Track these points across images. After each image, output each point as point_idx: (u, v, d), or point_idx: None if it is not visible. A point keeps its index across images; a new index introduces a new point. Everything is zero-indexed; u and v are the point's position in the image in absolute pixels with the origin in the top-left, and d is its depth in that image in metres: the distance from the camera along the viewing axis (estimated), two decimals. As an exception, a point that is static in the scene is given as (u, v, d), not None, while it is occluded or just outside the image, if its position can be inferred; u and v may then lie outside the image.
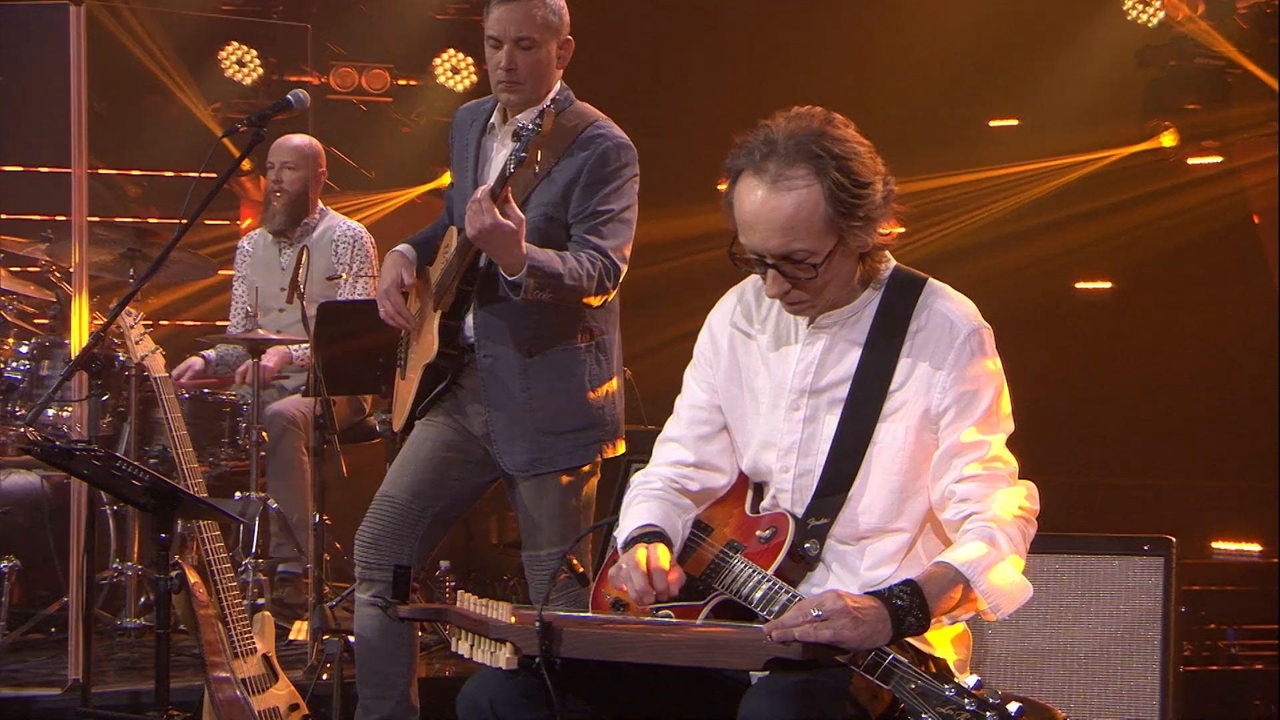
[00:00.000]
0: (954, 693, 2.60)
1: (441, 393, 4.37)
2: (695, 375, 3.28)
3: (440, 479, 4.29)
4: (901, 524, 3.04)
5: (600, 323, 4.30)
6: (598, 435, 4.28)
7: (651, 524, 3.14)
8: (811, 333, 3.09)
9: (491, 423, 4.26)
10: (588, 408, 4.26)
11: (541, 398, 4.23)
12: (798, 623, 2.71)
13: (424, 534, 4.28)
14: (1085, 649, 3.63)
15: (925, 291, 3.05)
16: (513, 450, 4.25)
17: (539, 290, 4.02)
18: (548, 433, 4.23)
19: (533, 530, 4.30)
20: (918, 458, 3.01)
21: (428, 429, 4.37)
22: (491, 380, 4.26)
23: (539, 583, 4.32)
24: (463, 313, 4.29)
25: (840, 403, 3.05)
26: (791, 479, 3.10)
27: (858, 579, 3.04)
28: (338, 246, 6.53)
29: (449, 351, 4.29)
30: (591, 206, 4.16)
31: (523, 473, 4.26)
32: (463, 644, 3.01)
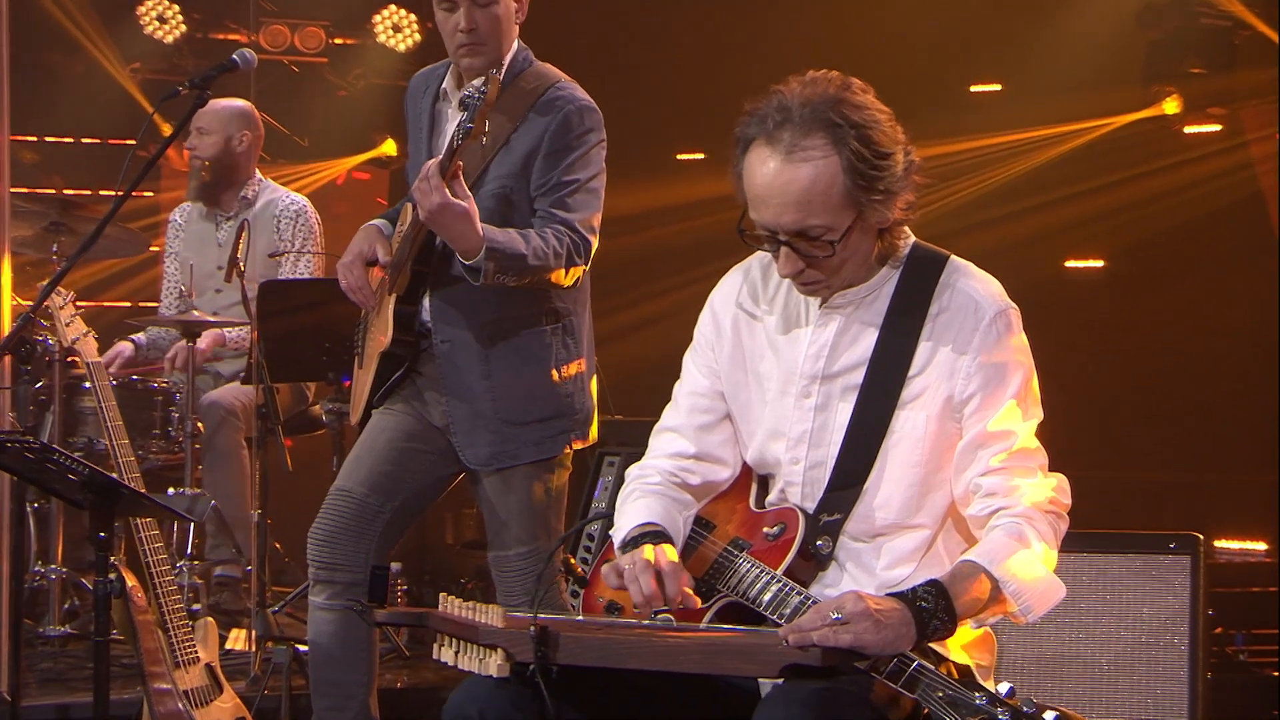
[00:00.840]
0: (985, 701, 2.62)
1: (399, 380, 4.36)
2: (695, 359, 3.28)
3: (400, 471, 4.29)
4: (921, 520, 3.05)
5: (567, 302, 4.30)
6: (566, 425, 4.29)
7: (652, 522, 3.14)
8: (824, 314, 3.10)
9: (451, 413, 4.26)
10: (555, 395, 4.27)
11: (504, 386, 4.23)
12: (815, 626, 2.72)
13: (383, 531, 4.27)
14: (1107, 654, 3.67)
15: (947, 269, 3.07)
16: (474, 443, 4.25)
17: (500, 274, 4.01)
18: (512, 423, 4.24)
19: (499, 529, 4.31)
20: (939, 448, 3.02)
21: (385, 418, 4.37)
22: (450, 368, 4.25)
23: (506, 585, 4.33)
24: (418, 296, 4.28)
25: (855, 389, 3.06)
26: (802, 471, 3.11)
27: (874, 579, 3.05)
28: (280, 221, 6.50)
29: (405, 339, 4.29)
30: (555, 177, 4.15)
31: (486, 467, 4.26)
32: (446, 650, 3.00)
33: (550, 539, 4.32)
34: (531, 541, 4.28)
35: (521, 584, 4.28)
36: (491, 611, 2.95)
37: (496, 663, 2.89)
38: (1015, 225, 7.99)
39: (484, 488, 4.30)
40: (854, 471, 3.05)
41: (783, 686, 2.79)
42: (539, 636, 2.84)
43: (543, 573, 4.13)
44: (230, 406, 6.13)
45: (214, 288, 6.38)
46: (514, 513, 4.28)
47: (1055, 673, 3.68)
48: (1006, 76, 8.68)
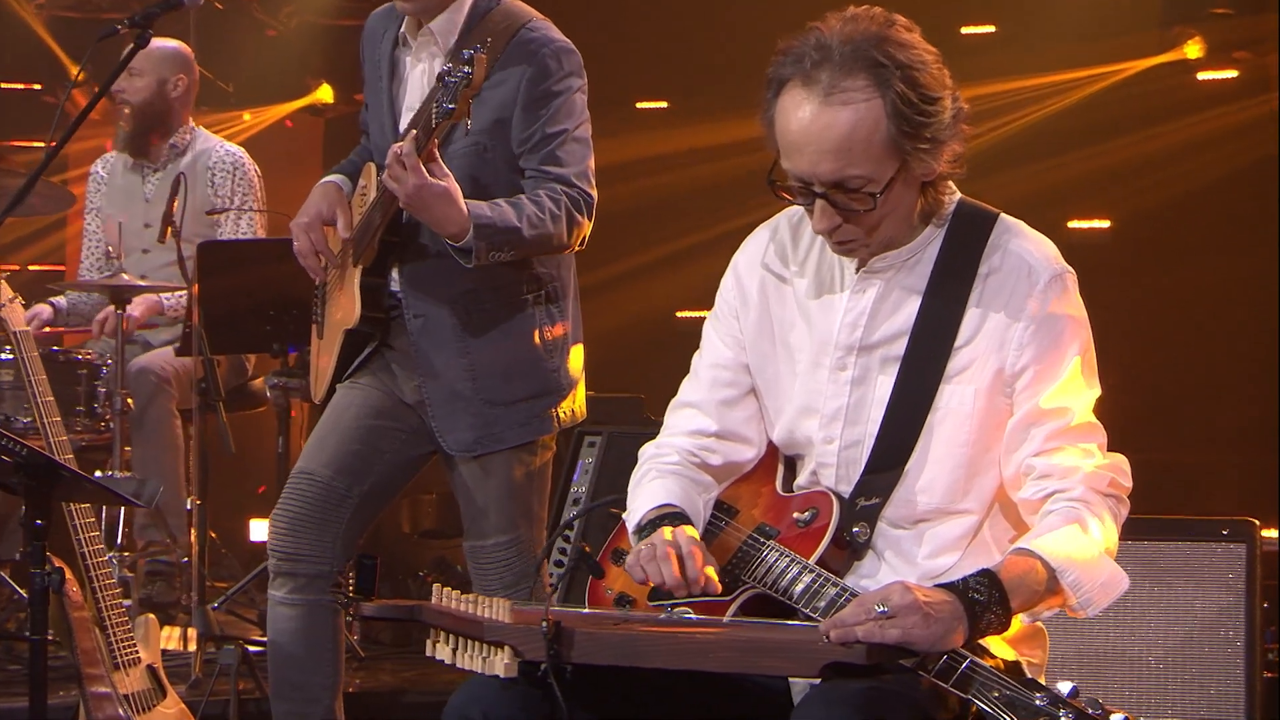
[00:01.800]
0: (1046, 701, 2.63)
1: (368, 355, 4.36)
2: (717, 328, 3.27)
3: (368, 451, 4.28)
4: (967, 504, 3.06)
5: (549, 266, 4.28)
6: (553, 402, 4.29)
7: (670, 504, 3.14)
8: (862, 278, 3.10)
9: (427, 395, 4.25)
10: (539, 370, 4.26)
11: (484, 363, 4.22)
12: (860, 620, 2.73)
13: (350, 517, 4.27)
14: (1155, 650, 3.70)
15: (997, 229, 3.07)
16: (454, 427, 4.24)
17: (495, 252, 4.00)
18: (495, 404, 4.24)
19: (477, 516, 4.31)
20: (988, 426, 3.03)
21: (351, 393, 4.36)
22: (423, 345, 4.24)
23: (484, 578, 4.33)
24: (387, 267, 4.27)
25: (896, 361, 3.07)
26: (836, 451, 3.11)
27: (915, 569, 3.06)
28: (214, 175, 6.45)
29: (373, 314, 4.27)
30: (539, 130, 4.13)
31: (468, 452, 4.26)
32: (442, 647, 2.99)
33: (532, 526, 4.33)
34: (512, 530, 4.29)
35: (501, 576, 4.29)
36: (497, 605, 2.94)
37: (503, 661, 2.88)
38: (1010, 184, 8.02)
39: (460, 472, 4.29)
40: (894, 451, 3.05)
41: (822, 686, 2.79)
42: (552, 633, 2.82)
43: (540, 561, 4.12)
44: (162, 374, 6.09)
45: (141, 248, 6.33)
46: (493, 499, 4.27)
47: (1098, 670, 3.71)
48: (1001, 17, 8.68)
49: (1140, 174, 8.22)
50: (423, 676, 5.94)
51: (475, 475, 4.27)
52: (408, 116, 4.16)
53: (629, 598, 3.23)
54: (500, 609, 2.94)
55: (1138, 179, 8.25)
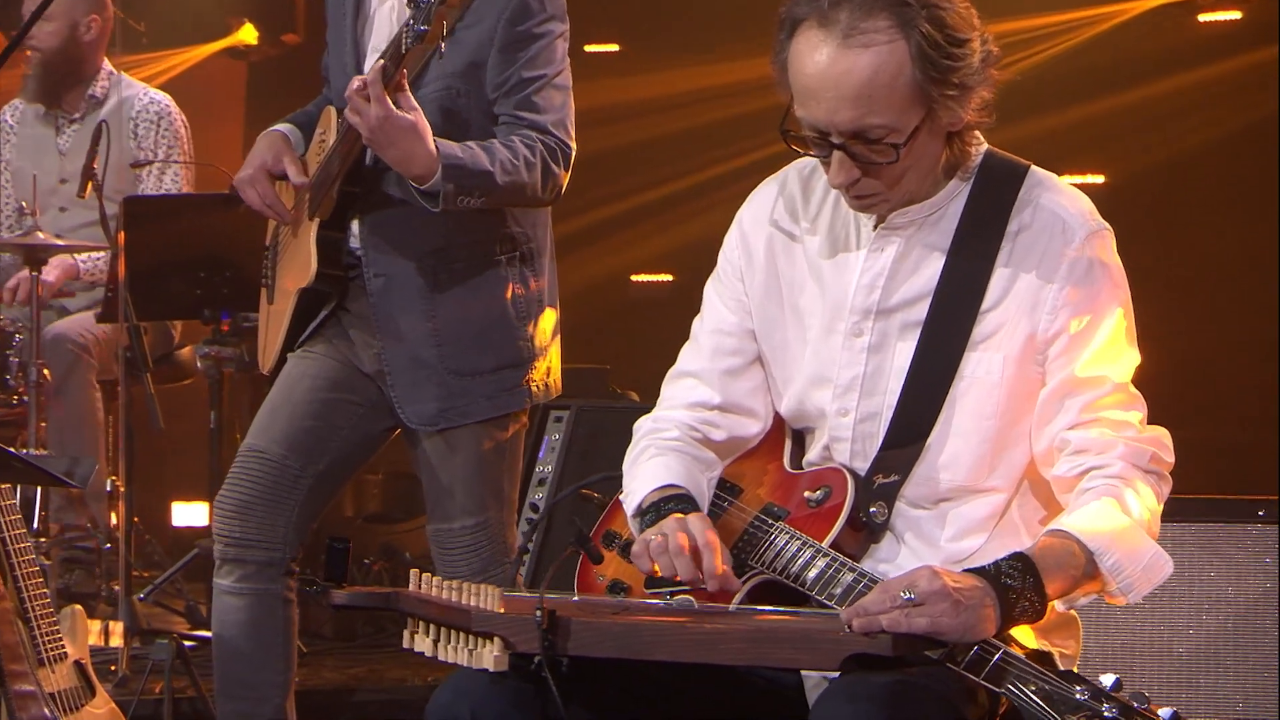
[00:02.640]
0: (1087, 695, 2.65)
1: (323, 321, 4.35)
2: (720, 290, 3.27)
3: (323, 427, 4.28)
4: (994, 482, 3.07)
5: (525, 225, 4.28)
6: (525, 374, 4.30)
7: (673, 484, 3.14)
8: (880, 235, 3.11)
9: (387, 362, 4.25)
10: (512, 338, 4.26)
11: (451, 328, 4.22)
12: (884, 608, 2.74)
13: (304, 499, 4.27)
14: (1185, 641, 3.72)
15: (1028, 182, 3.08)
16: (416, 398, 4.23)
17: (463, 196, 3.98)
18: (461, 374, 4.23)
19: (442, 497, 4.31)
20: (1017, 396, 3.04)
21: (304, 363, 4.35)
22: (385, 307, 4.23)
23: (450, 564, 4.33)
24: (346, 220, 4.24)
25: (917, 326, 3.07)
26: (851, 424, 3.12)
27: (937, 552, 3.07)
28: (137, 125, 6.41)
29: (331, 272, 4.25)
30: (515, 73, 4.12)
31: (431, 426, 4.26)
32: (422, 639, 2.98)
33: (502, 508, 4.33)
34: (480, 512, 4.29)
35: (468, 562, 4.28)
36: (485, 592, 2.94)
37: (493, 654, 2.87)
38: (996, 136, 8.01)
39: (423, 449, 4.29)
40: (915, 424, 3.05)
41: (843, 680, 2.79)
42: (547, 622, 2.82)
43: (541, 546, 4.12)
44: (81, 342, 6.06)
45: (57, 205, 6.27)
46: (460, 478, 4.27)
47: (1124, 660, 3.74)
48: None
49: (1141, 128, 8.25)
50: (371, 673, 5.96)
51: (440, 452, 4.26)
52: (373, 59, 4.13)
53: (623, 585, 3.23)
54: (489, 597, 2.93)
55: (1138, 133, 8.28)
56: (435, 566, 4.39)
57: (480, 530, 4.30)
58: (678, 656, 2.83)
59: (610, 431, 5.56)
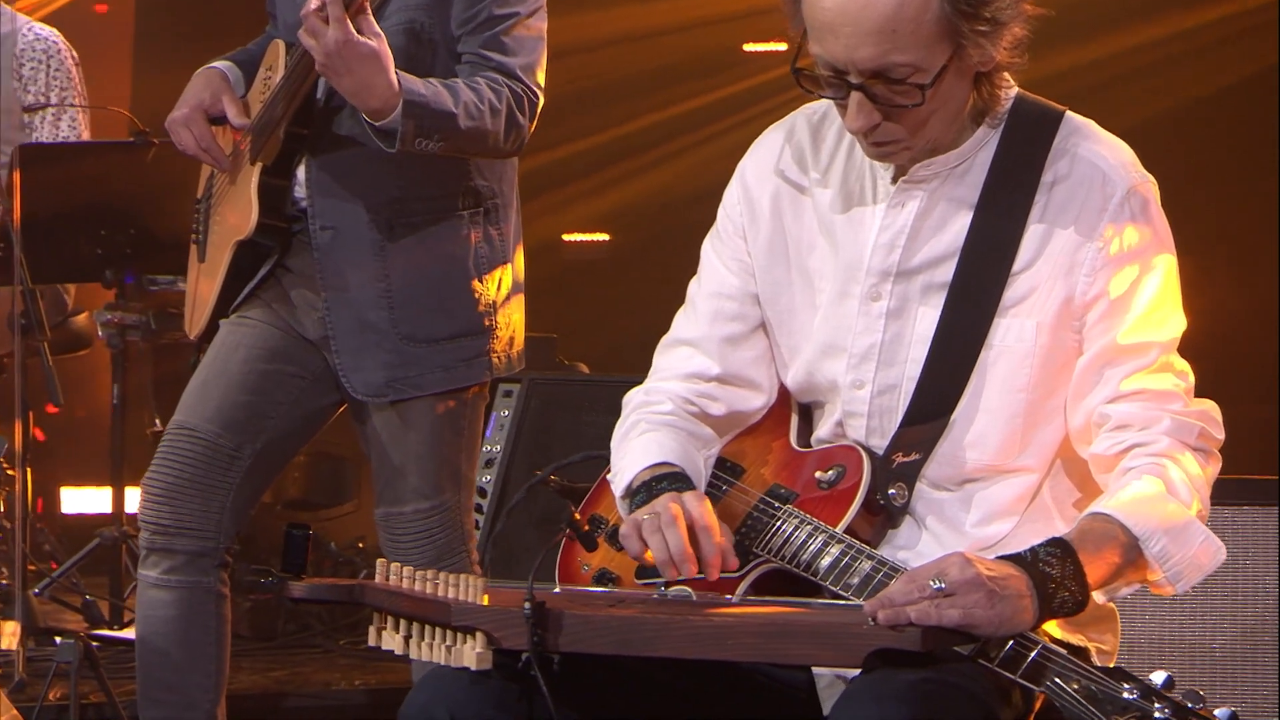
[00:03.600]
0: (1137, 694, 2.66)
1: (262, 280, 4.32)
2: (719, 249, 3.28)
3: (262, 403, 4.27)
4: (1025, 461, 3.09)
5: (492, 180, 4.28)
6: (486, 343, 4.30)
7: (667, 462, 3.14)
8: (900, 188, 3.12)
9: (333, 325, 4.24)
10: (472, 304, 4.26)
11: (406, 289, 4.22)
12: (913, 599, 2.75)
13: (240, 482, 4.26)
14: (1186, 629, 3.75)
15: (1064, 129, 3.09)
16: (363, 365, 4.23)
17: (422, 138, 3.96)
18: (415, 340, 4.23)
19: (392, 478, 4.31)
20: (1052, 367, 3.06)
21: (240, 331, 4.33)
22: (332, 263, 4.22)
23: (401, 552, 4.32)
24: (292, 166, 4.23)
25: (941, 289, 3.09)
26: (868, 398, 3.13)
27: (962, 538, 3.08)
28: (22, 64, 6.32)
29: (274, 222, 4.24)
30: (485, 9, 4.11)
31: (378, 397, 4.25)
32: (391, 636, 2.99)
33: (459, 491, 4.34)
34: (436, 495, 4.29)
35: (421, 550, 4.28)
36: (466, 583, 2.93)
37: (475, 651, 2.87)
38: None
39: (373, 425, 4.28)
40: (939, 398, 3.07)
41: (867, 679, 2.80)
42: (535, 616, 2.82)
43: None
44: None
45: (-67, 156, 6.20)
46: (413, 457, 4.27)
47: (1152, 661, 3.76)
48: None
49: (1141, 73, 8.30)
50: (294, 676, 5.96)
51: (391, 427, 4.26)
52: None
53: (611, 574, 3.24)
54: (470, 588, 2.93)
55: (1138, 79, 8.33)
56: (384, 554, 4.38)
57: (435, 514, 4.30)
58: (682, 653, 2.83)
59: (565, 406, 5.59)
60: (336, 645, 6.33)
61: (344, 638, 6.42)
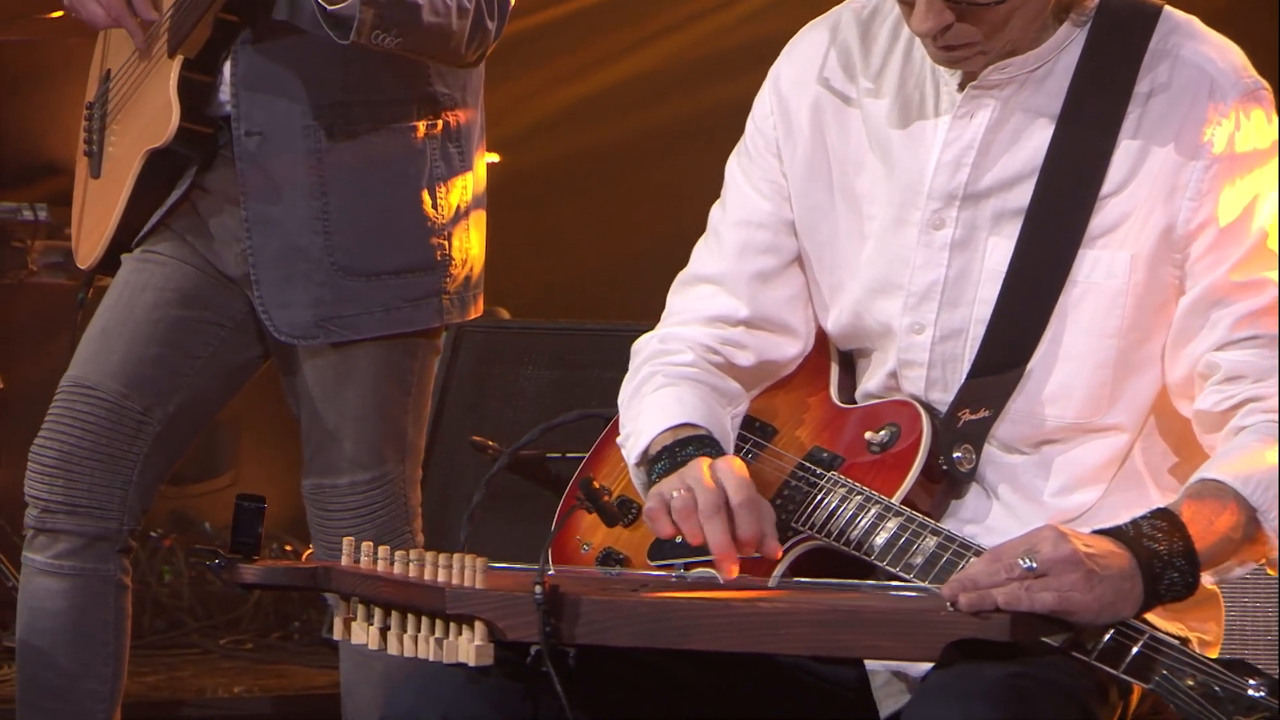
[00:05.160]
0: (1264, 691, 2.64)
1: (177, 202, 4.27)
2: (749, 169, 3.27)
3: (174, 356, 4.25)
4: (1114, 418, 3.08)
5: (453, 88, 4.27)
6: (439, 281, 4.27)
7: (691, 423, 3.12)
8: (969, 96, 3.09)
9: (255, 251, 4.20)
10: (425, 233, 4.24)
11: (345, 211, 4.20)
12: (999, 580, 2.72)
13: (148, 452, 4.25)
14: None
15: (1162, 28, 3.08)
16: (289, 300, 4.19)
17: (380, 30, 3.92)
18: (353, 273, 4.20)
19: (325, 443, 4.30)
20: (1148, 307, 3.05)
21: (147, 269, 4.30)
22: (258, 176, 4.18)
23: (332, 531, 4.31)
24: (217, 62, 4.19)
25: (1017, 215, 3.07)
26: (928, 344, 3.12)
27: (1040, 509, 3.06)
28: None
29: (197, 127, 4.20)
30: None
31: (306, 339, 4.21)
32: (363, 628, 2.96)
33: (405, 459, 4.32)
34: (377, 464, 4.27)
35: (359, 530, 4.24)
36: (461, 564, 2.88)
37: (473, 644, 2.83)
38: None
39: (303, 377, 4.26)
40: (1013, 344, 3.06)
41: (944, 675, 2.76)
42: (549, 602, 2.79)
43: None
44: None
45: None
46: (350, 418, 4.26)
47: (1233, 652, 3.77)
48: None
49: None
50: (170, 681, 5.96)
51: (325, 380, 4.24)
52: None
53: (618, 554, 3.24)
54: (468, 569, 2.88)
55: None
56: (312, 535, 4.36)
57: (375, 487, 4.28)
58: (723, 645, 2.78)
59: (501, 358, 5.59)
60: (216, 645, 6.28)
61: (224, 636, 6.36)
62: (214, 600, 6.96)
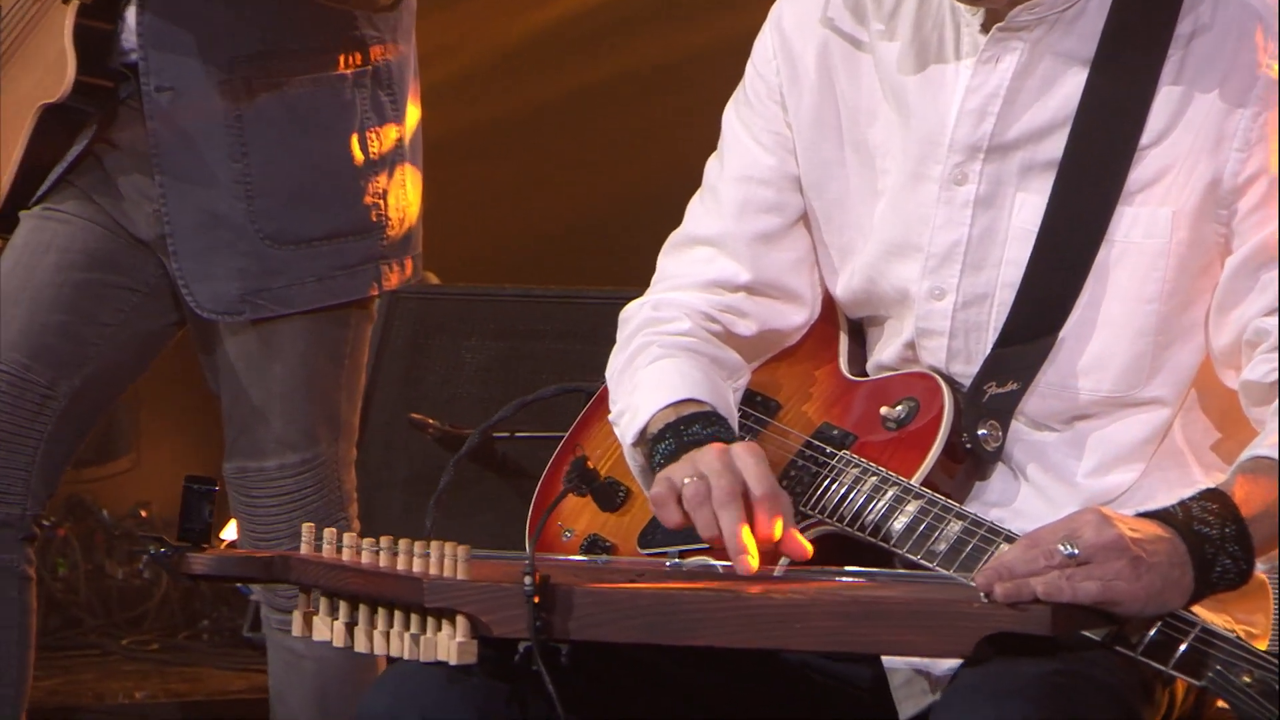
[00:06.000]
0: (1327, 691, 2.65)
1: (79, 157, 4.25)
2: (749, 119, 3.27)
3: (82, 325, 4.26)
4: (1154, 391, 3.09)
5: (383, 30, 4.28)
6: (378, 245, 4.29)
7: (695, 399, 3.12)
8: (995, 39, 3.08)
9: (171, 219, 4.20)
10: (358, 194, 4.26)
11: (269, 173, 4.22)
12: (1037, 568, 2.71)
13: (54, 430, 4.27)
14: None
15: None
16: (211, 273, 4.21)
17: None
18: (281, 241, 4.23)
19: (250, 423, 4.31)
20: (1190, 269, 3.05)
21: (48, 228, 4.31)
22: (171, 136, 4.19)
23: (258, 517, 4.35)
24: (118, 8, 4.18)
25: (1048, 169, 3.07)
26: (949, 310, 3.13)
27: (1073, 491, 3.07)
28: None
29: (95, 80, 4.19)
30: None
31: (231, 314, 4.22)
32: (326, 623, 2.96)
33: (338, 440, 4.34)
34: (308, 446, 4.30)
35: (289, 517, 4.29)
36: (440, 552, 2.86)
37: (455, 640, 2.82)
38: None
39: (224, 352, 4.28)
40: (1044, 310, 3.07)
41: (978, 672, 2.75)
42: (540, 593, 2.77)
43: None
44: None
45: None
46: (278, 395, 4.28)
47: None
48: None
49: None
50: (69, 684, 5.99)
51: (250, 356, 4.25)
52: None
53: (604, 541, 3.23)
54: (447, 559, 2.86)
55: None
56: (237, 522, 4.38)
57: (306, 471, 4.31)
58: (734, 641, 2.77)
59: (441, 329, 5.56)
60: (117, 646, 6.25)
61: (126, 635, 6.33)
62: (114, 596, 6.93)
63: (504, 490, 5.16)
